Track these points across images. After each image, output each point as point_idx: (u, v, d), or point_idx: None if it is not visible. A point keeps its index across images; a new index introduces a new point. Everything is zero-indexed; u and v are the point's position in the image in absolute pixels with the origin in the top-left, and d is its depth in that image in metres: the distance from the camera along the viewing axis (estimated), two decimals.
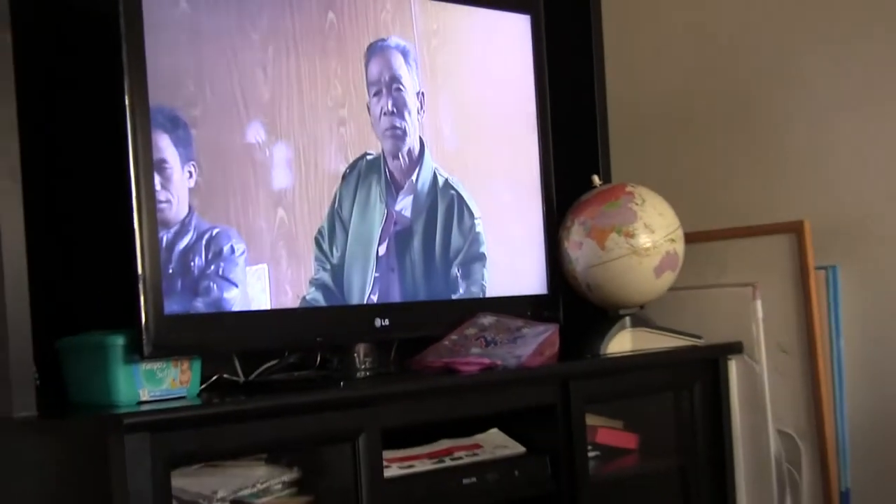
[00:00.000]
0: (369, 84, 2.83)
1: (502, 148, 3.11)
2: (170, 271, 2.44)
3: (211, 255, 2.51)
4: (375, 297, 2.80)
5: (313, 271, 2.70)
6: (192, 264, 2.48)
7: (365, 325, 2.78)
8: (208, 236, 2.51)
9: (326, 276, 2.72)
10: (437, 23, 2.98)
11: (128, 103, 2.37)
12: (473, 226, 3.02)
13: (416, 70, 2.92)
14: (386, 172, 2.85)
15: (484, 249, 3.03)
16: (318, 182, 2.72)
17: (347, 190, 2.77)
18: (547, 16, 3.20)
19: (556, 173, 3.19)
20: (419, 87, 2.92)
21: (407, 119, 2.89)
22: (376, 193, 2.83)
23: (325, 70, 2.75)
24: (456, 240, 2.98)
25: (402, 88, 2.88)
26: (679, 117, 3.58)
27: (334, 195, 2.75)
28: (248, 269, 2.57)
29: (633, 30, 3.57)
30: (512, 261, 3.10)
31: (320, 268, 2.71)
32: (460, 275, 2.98)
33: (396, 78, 2.87)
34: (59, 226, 2.49)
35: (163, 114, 2.44)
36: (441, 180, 2.96)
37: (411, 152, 2.90)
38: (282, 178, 2.65)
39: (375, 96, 2.84)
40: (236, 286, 2.55)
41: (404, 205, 2.89)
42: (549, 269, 3.16)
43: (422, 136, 2.92)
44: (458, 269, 2.98)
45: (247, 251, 2.57)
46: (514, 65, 3.15)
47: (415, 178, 2.91)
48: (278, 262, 2.63)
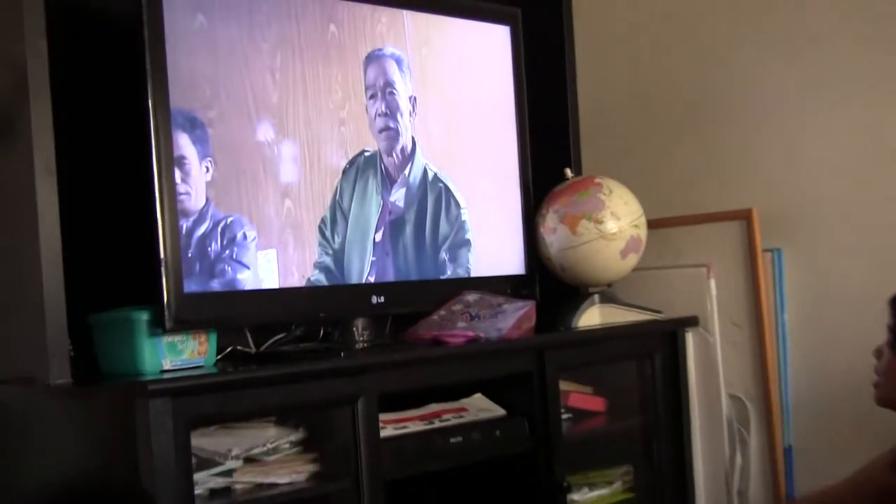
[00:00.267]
0: (366, 88, 2.83)
1: (485, 145, 3.10)
2: (189, 255, 2.44)
3: (226, 241, 2.51)
4: (372, 278, 2.80)
5: (317, 255, 2.69)
6: (209, 249, 2.48)
7: (363, 302, 2.78)
8: (223, 224, 2.50)
9: (329, 259, 2.71)
10: (427, 34, 2.97)
11: (151, 106, 2.37)
12: (459, 215, 3.01)
13: (410, 76, 2.91)
14: (381, 167, 2.84)
15: (469, 236, 3.02)
16: (320, 176, 2.72)
17: (347, 183, 2.77)
18: (525, 27, 3.19)
19: (533, 167, 3.18)
20: (412, 92, 2.91)
21: (399, 120, 2.88)
22: (373, 186, 2.82)
23: (327, 76, 2.74)
24: (444, 227, 2.98)
25: (396, 92, 2.87)
26: (642, 117, 3.58)
27: (335, 188, 2.75)
28: (259, 253, 2.57)
29: (601, 40, 3.56)
30: (494, 245, 3.09)
31: (323, 252, 2.70)
32: (448, 258, 2.98)
33: (390, 83, 2.86)
34: (90, 215, 2.48)
35: (182, 115, 2.44)
36: (431, 174, 2.95)
37: (404, 150, 2.90)
38: (289, 173, 2.65)
39: (371, 99, 2.83)
40: (248, 268, 2.55)
41: (398, 196, 2.88)
42: (527, 252, 3.15)
43: (414, 135, 2.91)
44: (446, 254, 2.97)
45: (257, 237, 2.57)
46: (495, 71, 3.14)
47: (407, 172, 2.90)
48: (286, 247, 2.63)
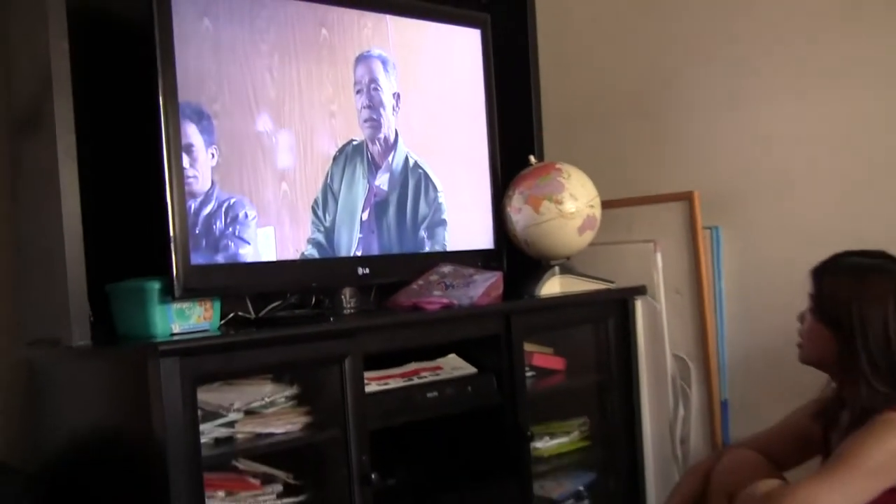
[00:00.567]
0: (354, 84, 2.81)
1: (459, 135, 3.08)
2: (196, 232, 2.42)
3: (229, 220, 2.49)
4: (359, 252, 2.78)
5: (310, 232, 2.68)
6: (214, 226, 2.46)
7: (350, 274, 2.76)
8: (227, 204, 2.49)
9: (320, 236, 2.70)
10: (408, 37, 2.94)
11: (161, 100, 2.36)
12: (437, 197, 2.99)
13: (393, 75, 2.89)
14: (368, 155, 2.83)
15: (445, 215, 3.01)
16: (313, 162, 2.70)
17: (337, 168, 2.75)
18: (494, 31, 3.17)
19: (501, 154, 3.17)
20: (395, 89, 2.89)
21: (382, 113, 2.86)
22: (360, 172, 2.80)
23: (320, 74, 2.72)
24: (423, 208, 2.96)
25: (379, 89, 2.85)
26: (598, 110, 3.57)
27: (327, 173, 2.73)
28: (258, 230, 2.56)
29: (562, 43, 3.54)
30: (466, 223, 3.08)
31: (315, 229, 2.69)
32: (426, 235, 2.96)
33: (375, 80, 2.84)
34: (109, 196, 2.46)
35: (190, 108, 2.42)
36: (412, 161, 2.93)
37: (387, 139, 2.88)
38: (285, 159, 2.63)
39: (358, 94, 2.81)
40: (248, 243, 2.53)
41: (382, 181, 2.86)
42: (496, 229, 3.14)
43: (396, 127, 2.89)
44: (425, 231, 2.96)
45: (257, 216, 2.55)
46: (468, 69, 3.12)
47: (391, 159, 2.88)
48: (282, 225, 2.61)
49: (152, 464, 2.09)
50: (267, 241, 2.58)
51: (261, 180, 2.57)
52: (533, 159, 3.14)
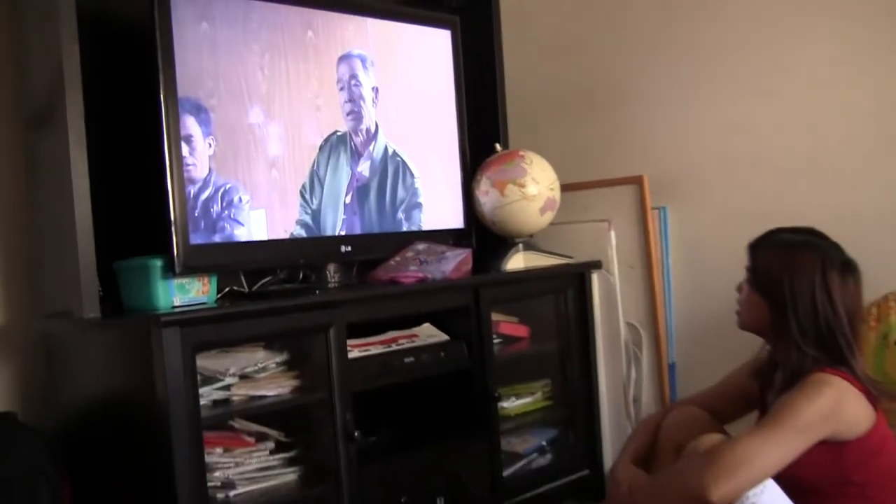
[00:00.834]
0: (337, 81, 2.79)
1: (432, 126, 3.07)
2: (195, 214, 2.42)
3: (225, 203, 2.49)
4: (343, 232, 2.78)
5: (298, 214, 2.67)
6: (211, 209, 2.45)
7: (334, 251, 2.76)
8: (223, 190, 2.48)
9: (308, 217, 2.69)
10: (385, 37, 2.93)
11: (163, 95, 2.35)
12: (413, 183, 2.99)
13: (372, 71, 2.88)
14: (350, 144, 2.82)
15: (420, 199, 3.00)
16: (301, 151, 2.69)
17: (323, 157, 2.74)
18: (462, 31, 3.16)
19: (470, 142, 3.16)
20: (374, 84, 2.88)
21: (362, 106, 2.85)
22: (344, 159, 2.80)
23: (306, 71, 2.71)
24: (401, 192, 2.96)
25: (360, 84, 2.84)
26: (557, 102, 3.57)
27: (313, 161, 2.72)
28: (251, 212, 2.55)
29: (524, 42, 3.54)
30: (439, 205, 3.07)
31: (303, 212, 2.68)
32: (404, 217, 2.96)
33: (355, 76, 2.83)
34: (116, 183, 2.44)
35: (189, 102, 2.41)
36: (391, 150, 2.93)
37: (368, 130, 2.87)
38: (275, 148, 2.62)
39: (341, 90, 2.80)
40: (242, 225, 2.52)
41: (364, 168, 2.85)
42: (465, 210, 3.13)
43: (376, 119, 2.88)
44: (402, 213, 2.96)
45: (251, 200, 2.54)
46: (439, 66, 3.11)
47: (371, 148, 2.88)
48: (273, 208, 2.60)
49: (157, 424, 2.09)
50: (259, 223, 2.57)
51: (254, 167, 2.56)
52: (499, 147, 3.14)
